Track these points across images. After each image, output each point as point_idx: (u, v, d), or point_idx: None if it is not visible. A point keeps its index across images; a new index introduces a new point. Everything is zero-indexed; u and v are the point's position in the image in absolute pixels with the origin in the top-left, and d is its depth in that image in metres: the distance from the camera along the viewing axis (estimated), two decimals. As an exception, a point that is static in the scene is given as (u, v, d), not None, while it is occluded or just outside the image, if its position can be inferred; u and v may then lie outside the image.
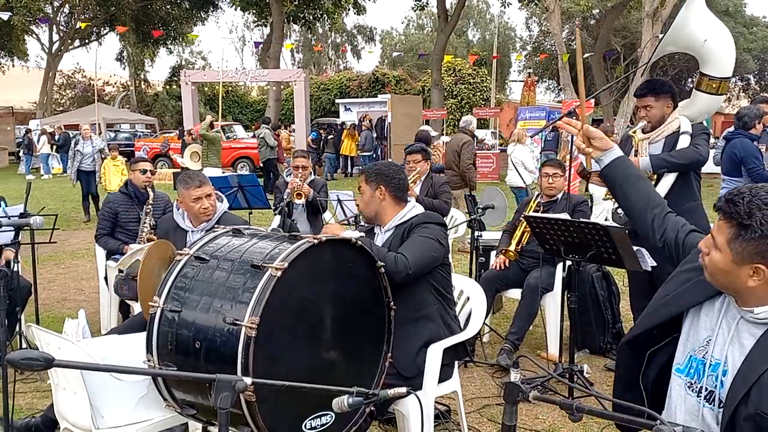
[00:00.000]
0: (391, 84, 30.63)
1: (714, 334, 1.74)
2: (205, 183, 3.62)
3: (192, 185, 3.58)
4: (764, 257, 1.59)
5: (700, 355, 1.76)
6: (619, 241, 3.45)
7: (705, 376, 1.72)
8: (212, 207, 3.63)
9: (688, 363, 1.78)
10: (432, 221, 2.91)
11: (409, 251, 2.71)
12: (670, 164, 3.84)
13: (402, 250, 2.74)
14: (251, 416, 1.98)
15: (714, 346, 1.73)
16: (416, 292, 2.82)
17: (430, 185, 5.32)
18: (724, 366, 1.69)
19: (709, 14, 4.02)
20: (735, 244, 1.61)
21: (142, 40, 32.22)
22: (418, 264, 2.71)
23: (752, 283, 1.62)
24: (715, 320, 1.75)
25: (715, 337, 1.73)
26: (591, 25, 32.89)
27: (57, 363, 1.45)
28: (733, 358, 1.68)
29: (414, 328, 2.83)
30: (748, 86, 36.57)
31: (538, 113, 17.85)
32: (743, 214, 1.60)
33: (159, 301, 2.19)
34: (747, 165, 5.42)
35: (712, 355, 1.72)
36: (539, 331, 4.84)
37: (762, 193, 1.61)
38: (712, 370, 1.71)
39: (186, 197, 3.60)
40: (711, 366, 1.72)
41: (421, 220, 2.90)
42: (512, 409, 1.59)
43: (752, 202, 1.60)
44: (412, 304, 2.81)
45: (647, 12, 15.27)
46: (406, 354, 2.78)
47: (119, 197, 5.00)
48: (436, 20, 27.87)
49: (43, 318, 5.00)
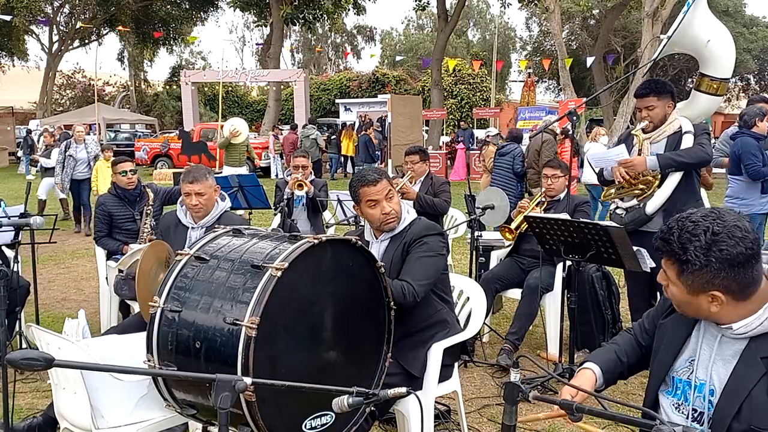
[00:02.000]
0: (391, 84, 30.65)
1: (696, 355, 1.75)
2: (197, 180, 3.55)
3: (185, 180, 3.57)
4: (714, 284, 1.59)
5: (684, 376, 1.77)
6: (619, 241, 3.45)
7: (692, 398, 1.73)
8: (200, 205, 3.58)
9: (673, 384, 1.80)
10: (430, 233, 2.81)
11: (414, 277, 2.68)
12: (678, 163, 3.84)
13: (406, 275, 2.69)
14: (251, 416, 1.98)
15: (697, 367, 1.74)
16: (429, 302, 2.84)
17: (430, 184, 5.31)
18: (710, 385, 1.70)
19: (711, 16, 4.03)
20: (683, 278, 1.63)
21: (142, 41, 32.22)
22: (425, 288, 2.70)
23: (714, 309, 1.64)
24: (696, 341, 1.77)
25: (697, 357, 1.75)
26: (591, 25, 32.89)
27: (57, 363, 1.45)
28: (718, 376, 1.68)
29: (428, 333, 2.87)
30: (748, 86, 36.56)
31: (538, 113, 17.85)
32: (678, 250, 1.61)
33: (159, 301, 2.19)
34: (744, 162, 5.48)
35: (696, 376, 1.73)
36: (539, 331, 4.84)
37: (688, 224, 1.61)
38: (698, 391, 1.72)
39: (182, 191, 3.61)
40: (696, 387, 1.73)
41: (420, 233, 2.78)
42: (512, 409, 1.59)
43: (682, 237, 1.60)
44: (426, 313, 2.85)
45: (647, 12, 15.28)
46: (418, 357, 2.81)
47: (110, 199, 4.96)
48: (436, 20, 27.86)
49: (43, 318, 5.00)
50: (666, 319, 1.88)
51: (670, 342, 1.83)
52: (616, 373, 2.03)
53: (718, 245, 1.56)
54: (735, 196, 5.65)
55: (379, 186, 2.71)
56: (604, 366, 2.00)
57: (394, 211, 2.75)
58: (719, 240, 1.57)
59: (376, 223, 2.81)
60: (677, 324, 1.83)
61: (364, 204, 2.77)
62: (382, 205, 2.73)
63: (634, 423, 1.54)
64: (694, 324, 1.79)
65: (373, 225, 2.85)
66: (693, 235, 1.59)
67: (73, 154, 9.30)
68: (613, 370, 2.01)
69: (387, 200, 2.73)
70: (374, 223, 2.83)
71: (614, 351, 2.04)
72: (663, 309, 1.92)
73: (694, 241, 1.58)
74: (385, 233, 2.86)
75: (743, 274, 1.58)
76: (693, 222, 1.60)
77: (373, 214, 2.77)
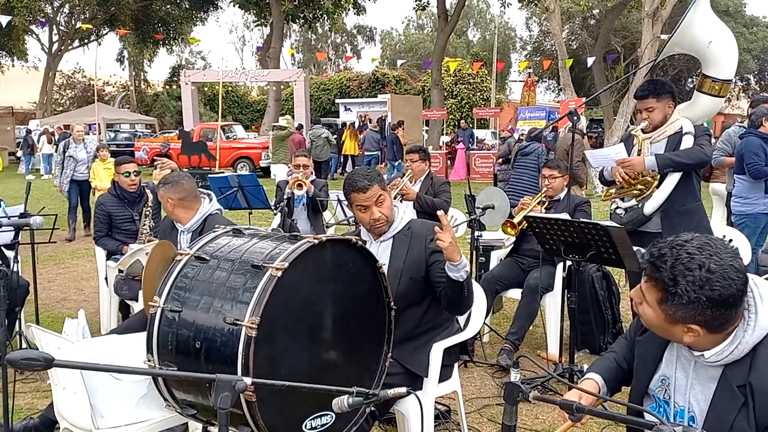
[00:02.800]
0: (391, 84, 30.65)
1: (672, 379, 1.73)
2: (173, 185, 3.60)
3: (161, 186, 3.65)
4: (695, 320, 1.56)
5: (660, 395, 1.76)
6: (619, 241, 3.45)
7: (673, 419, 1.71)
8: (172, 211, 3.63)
9: (656, 401, 1.79)
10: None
11: None
12: (676, 164, 3.83)
13: None
14: (251, 416, 1.97)
15: (675, 392, 1.72)
16: (431, 305, 2.85)
17: (430, 184, 5.31)
18: (689, 412, 1.68)
19: (713, 16, 4.02)
20: (665, 307, 1.58)
21: (142, 41, 32.22)
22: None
23: (688, 339, 1.60)
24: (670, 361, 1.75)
25: (673, 382, 1.72)
26: (591, 25, 32.88)
27: (57, 363, 1.45)
28: (698, 402, 1.66)
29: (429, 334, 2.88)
30: (748, 86, 36.55)
31: (538, 113, 17.86)
32: (668, 281, 1.55)
33: (159, 301, 2.19)
34: (746, 161, 5.52)
35: (675, 402, 1.71)
36: (539, 331, 4.83)
37: (684, 255, 1.54)
38: (679, 416, 1.70)
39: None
40: (677, 412, 1.71)
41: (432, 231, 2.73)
42: (512, 409, 1.59)
43: (675, 268, 1.54)
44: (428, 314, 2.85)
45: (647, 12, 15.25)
46: (419, 357, 2.82)
47: (109, 199, 4.96)
48: (436, 20, 27.87)
49: (42, 318, 5.00)
50: (642, 336, 1.86)
51: (645, 361, 1.82)
52: (619, 381, 2.01)
53: (711, 284, 1.51)
54: (739, 195, 5.68)
55: (368, 193, 2.71)
56: (605, 375, 1.99)
57: (384, 216, 2.75)
58: (713, 280, 1.51)
59: (366, 227, 2.85)
60: (651, 343, 1.81)
61: (355, 207, 2.80)
62: (371, 210, 2.74)
63: (634, 423, 1.54)
64: (667, 344, 1.77)
65: (364, 227, 2.88)
66: (687, 269, 1.52)
67: (73, 154, 8.97)
68: (614, 378, 2.00)
69: (377, 205, 2.73)
70: (365, 226, 2.86)
71: (614, 359, 2.03)
72: (639, 326, 1.88)
73: (687, 276, 1.52)
74: (385, 235, 2.85)
75: (727, 314, 1.55)
76: (689, 254, 1.54)
77: (363, 218, 2.79)
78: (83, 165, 9.02)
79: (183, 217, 3.65)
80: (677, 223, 3.86)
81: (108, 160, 8.82)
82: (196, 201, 3.69)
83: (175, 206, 3.63)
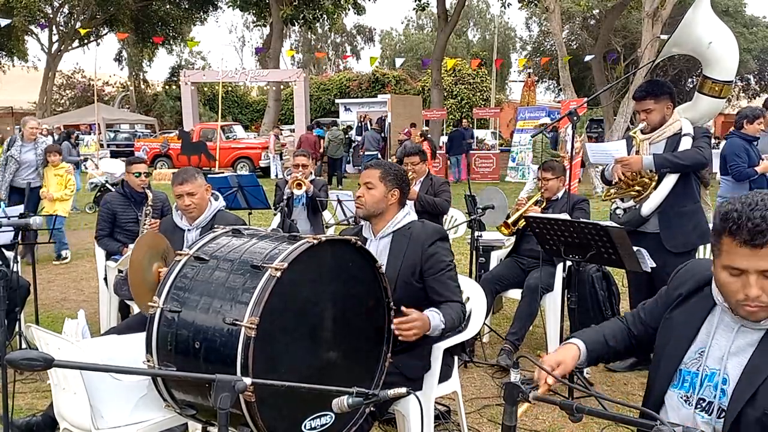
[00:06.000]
0: (391, 84, 30.62)
1: (707, 346, 1.73)
2: (187, 180, 3.58)
3: (175, 182, 3.61)
4: None
5: (693, 368, 1.75)
6: (619, 241, 3.45)
7: (702, 387, 1.71)
8: (193, 205, 3.60)
9: (680, 377, 1.78)
10: (437, 238, 2.84)
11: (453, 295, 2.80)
12: (673, 164, 3.83)
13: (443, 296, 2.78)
14: (251, 416, 1.97)
15: (707, 357, 1.72)
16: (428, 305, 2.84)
17: (430, 184, 5.32)
18: (723, 374, 1.68)
19: (714, 17, 4.01)
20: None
21: (141, 41, 32.21)
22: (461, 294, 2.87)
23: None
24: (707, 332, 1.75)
25: (708, 348, 1.73)
26: (591, 25, 32.87)
27: (57, 363, 1.45)
28: (732, 364, 1.67)
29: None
30: (748, 86, 36.51)
31: (538, 113, 17.85)
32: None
33: (159, 301, 2.18)
34: (728, 162, 5.59)
35: (706, 365, 1.71)
36: (539, 331, 4.83)
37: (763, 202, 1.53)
38: (709, 380, 1.70)
39: (174, 193, 3.64)
40: (707, 376, 1.71)
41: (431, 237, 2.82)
42: (512, 410, 1.59)
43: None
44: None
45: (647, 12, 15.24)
46: (419, 357, 2.82)
47: (116, 197, 4.98)
48: (436, 20, 27.85)
49: (42, 318, 5.00)
50: (673, 312, 1.84)
51: (681, 335, 1.80)
52: (601, 355, 2.00)
53: None
54: (724, 196, 5.72)
55: (364, 174, 2.94)
56: (589, 344, 1.97)
57: (364, 200, 2.88)
58: None
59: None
60: (688, 316, 1.79)
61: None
62: (361, 190, 2.91)
63: (634, 423, 1.54)
64: (706, 316, 1.77)
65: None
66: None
67: (16, 155, 7.26)
68: (598, 351, 1.98)
69: (365, 187, 2.89)
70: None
71: (602, 334, 2.02)
72: (668, 302, 1.87)
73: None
74: (383, 231, 2.88)
75: None
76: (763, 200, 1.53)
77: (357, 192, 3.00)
78: (29, 168, 7.34)
79: (204, 209, 3.65)
80: (675, 224, 3.86)
81: (60, 166, 7.43)
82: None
83: (204, 194, 3.66)
